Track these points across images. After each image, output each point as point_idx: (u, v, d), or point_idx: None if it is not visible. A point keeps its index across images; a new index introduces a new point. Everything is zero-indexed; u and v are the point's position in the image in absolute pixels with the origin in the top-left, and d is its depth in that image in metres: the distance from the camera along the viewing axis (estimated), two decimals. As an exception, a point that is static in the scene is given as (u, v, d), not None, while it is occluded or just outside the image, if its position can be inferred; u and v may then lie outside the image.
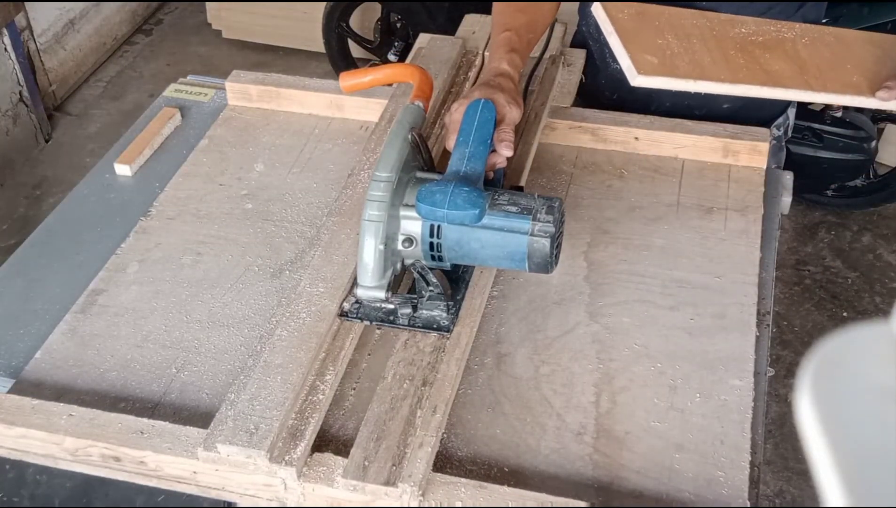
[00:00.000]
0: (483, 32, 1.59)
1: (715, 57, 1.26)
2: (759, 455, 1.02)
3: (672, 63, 1.22)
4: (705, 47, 1.27)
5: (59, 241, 1.33)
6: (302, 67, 3.33)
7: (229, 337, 1.16)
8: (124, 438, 1.01)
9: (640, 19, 1.28)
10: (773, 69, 1.28)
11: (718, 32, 1.30)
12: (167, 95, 1.60)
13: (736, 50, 1.28)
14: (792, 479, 2.11)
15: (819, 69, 1.31)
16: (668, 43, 1.25)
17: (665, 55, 1.22)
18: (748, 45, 1.30)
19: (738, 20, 1.34)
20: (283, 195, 1.38)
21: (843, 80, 1.32)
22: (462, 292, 1.15)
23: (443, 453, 1.02)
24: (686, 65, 1.22)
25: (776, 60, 1.29)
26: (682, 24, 1.30)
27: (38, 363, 1.14)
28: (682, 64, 1.22)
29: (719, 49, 1.27)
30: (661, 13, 1.30)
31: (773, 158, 1.46)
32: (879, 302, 2.53)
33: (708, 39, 1.29)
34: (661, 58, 1.22)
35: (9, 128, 2.95)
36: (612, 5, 1.29)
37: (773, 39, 1.33)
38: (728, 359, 1.11)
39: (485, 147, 1.12)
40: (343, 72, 1.31)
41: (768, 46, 1.32)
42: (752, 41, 1.32)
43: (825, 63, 1.33)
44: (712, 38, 1.29)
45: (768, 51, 1.30)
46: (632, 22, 1.26)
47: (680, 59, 1.23)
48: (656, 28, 1.27)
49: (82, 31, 3.37)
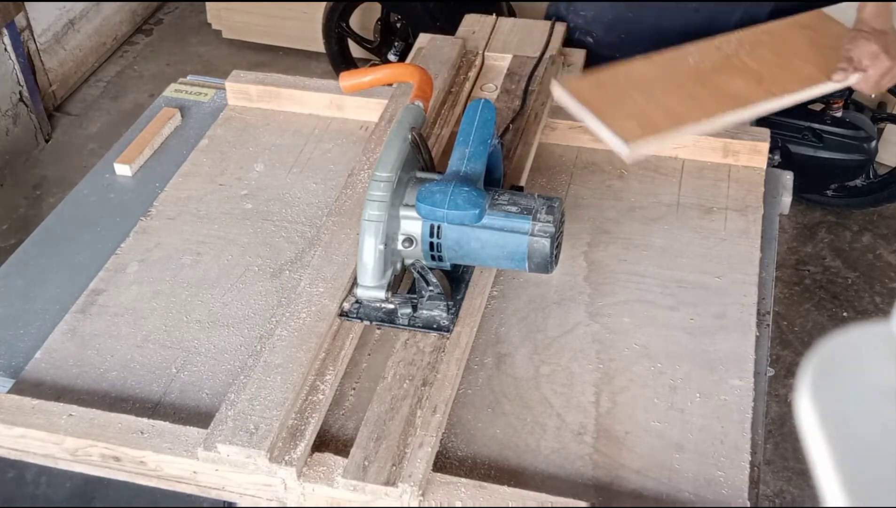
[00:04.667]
0: (483, 32, 1.59)
1: (681, 98, 1.27)
2: (759, 455, 1.02)
3: (650, 121, 1.22)
4: (667, 92, 1.28)
5: (59, 241, 1.33)
6: (302, 67, 3.33)
7: (229, 337, 1.16)
8: (124, 438, 1.01)
9: (599, 87, 1.28)
10: (735, 90, 1.30)
11: (671, 73, 1.32)
12: (167, 95, 1.60)
13: (694, 84, 1.30)
14: (792, 479, 2.10)
15: (773, 74, 1.33)
16: (634, 101, 1.25)
17: (639, 115, 1.22)
18: (702, 75, 1.32)
19: (681, 53, 1.35)
20: (283, 195, 1.38)
21: (798, 76, 1.35)
22: (462, 292, 1.15)
23: (443, 453, 1.02)
24: (662, 117, 1.23)
25: (733, 80, 1.32)
26: (636, 77, 1.30)
27: (38, 363, 1.14)
28: (658, 117, 1.23)
29: (680, 89, 1.29)
30: (614, 75, 1.30)
31: None
32: (879, 302, 2.53)
33: (666, 84, 1.30)
34: (637, 119, 1.22)
35: (9, 128, 2.95)
36: (569, 81, 1.29)
37: (721, 60, 1.36)
38: (728, 359, 1.11)
39: (485, 147, 1.11)
40: (343, 72, 1.31)
41: (719, 69, 1.34)
42: (703, 69, 1.33)
43: (775, 66, 1.35)
44: (669, 80, 1.30)
45: (721, 73, 1.33)
46: (595, 92, 1.26)
47: (653, 113, 1.23)
48: (617, 91, 1.27)
49: (82, 31, 3.36)
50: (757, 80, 1.32)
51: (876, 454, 0.36)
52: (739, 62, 1.36)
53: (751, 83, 1.32)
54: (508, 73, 1.50)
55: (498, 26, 1.60)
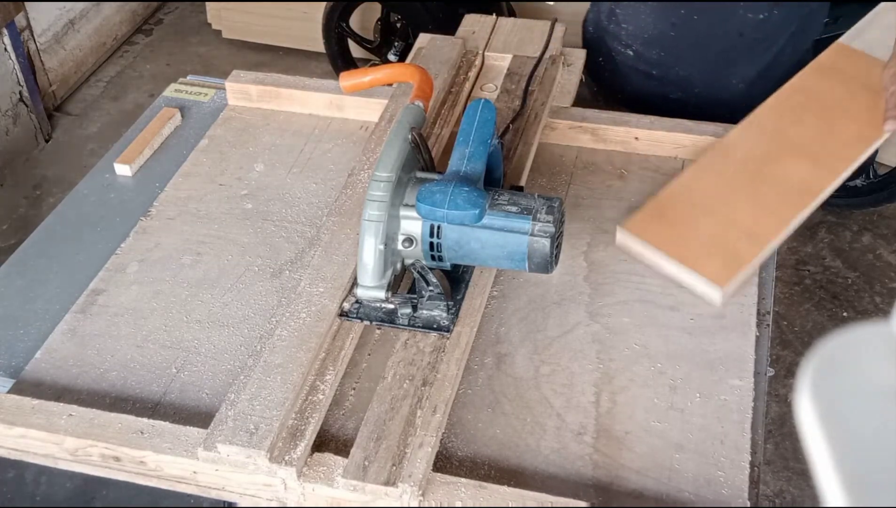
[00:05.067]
0: (483, 32, 1.59)
1: (750, 210, 1.19)
2: (759, 455, 1.02)
3: (730, 252, 1.14)
4: (733, 206, 1.20)
5: (59, 241, 1.33)
6: (302, 67, 3.33)
7: (229, 337, 1.16)
8: (124, 438, 1.01)
9: (663, 221, 1.19)
10: (798, 180, 1.22)
11: (725, 177, 1.23)
12: (167, 95, 1.60)
13: (755, 184, 1.22)
14: (792, 479, 2.10)
15: (825, 146, 1.26)
16: (705, 230, 1.17)
17: (718, 247, 1.15)
18: (757, 170, 1.24)
19: (724, 146, 1.28)
20: (283, 195, 1.38)
21: (849, 138, 1.28)
22: (462, 292, 1.15)
23: (443, 453, 1.02)
24: (740, 242, 1.15)
25: (791, 167, 1.24)
26: (694, 195, 1.22)
27: (38, 363, 1.14)
28: (737, 244, 1.15)
29: (744, 197, 1.20)
30: (671, 199, 1.21)
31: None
32: (879, 302, 2.53)
33: (728, 194, 1.21)
34: (718, 254, 1.14)
35: (9, 128, 2.95)
36: (633, 223, 1.19)
37: (767, 142, 1.28)
38: (728, 359, 1.11)
39: (485, 147, 1.11)
40: (343, 72, 1.31)
41: (771, 156, 1.26)
42: (754, 161, 1.26)
43: (823, 133, 1.28)
44: (728, 188, 1.22)
45: (775, 161, 1.25)
46: (662, 230, 1.18)
47: (730, 240, 1.15)
48: (682, 221, 1.19)
49: (82, 31, 3.36)
50: (813, 159, 1.25)
51: (876, 454, 0.36)
52: (787, 141, 1.28)
53: (809, 165, 1.24)
54: (508, 73, 1.50)
55: (498, 26, 1.60)
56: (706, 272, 1.12)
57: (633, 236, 1.18)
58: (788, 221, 1.18)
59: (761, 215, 1.19)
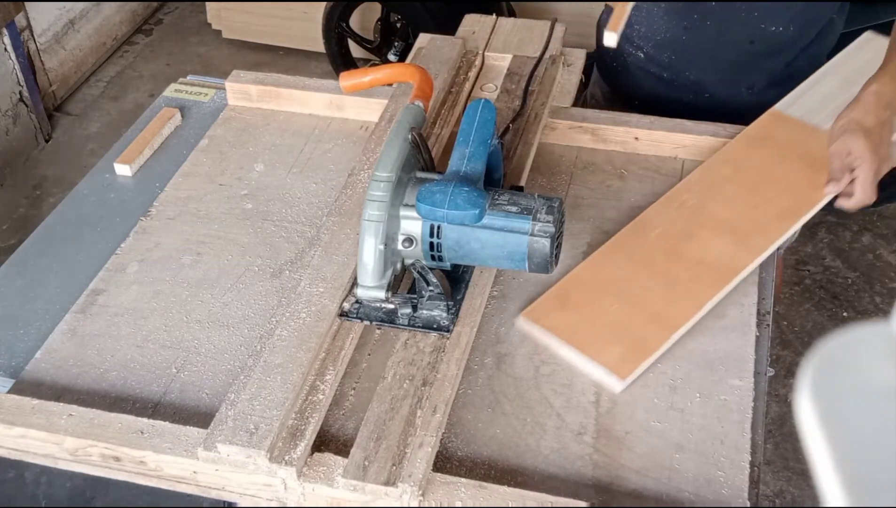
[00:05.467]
0: (483, 32, 1.59)
1: (660, 291, 1.13)
2: (759, 455, 1.02)
3: (636, 338, 1.08)
4: (644, 287, 1.14)
5: (59, 241, 1.33)
6: (302, 67, 3.33)
7: (229, 337, 1.16)
8: (124, 438, 1.01)
9: (568, 307, 1.13)
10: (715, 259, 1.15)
11: (638, 258, 1.18)
12: (167, 95, 1.60)
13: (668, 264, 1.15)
14: (792, 479, 2.11)
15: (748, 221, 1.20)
16: (612, 314, 1.11)
17: (622, 333, 1.09)
18: (672, 248, 1.17)
19: (641, 224, 1.22)
20: (283, 195, 1.38)
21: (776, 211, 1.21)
22: (462, 292, 1.15)
23: (443, 453, 1.02)
24: (647, 327, 1.09)
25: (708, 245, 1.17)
26: (603, 277, 1.16)
27: (38, 363, 1.14)
28: (644, 329, 1.09)
29: (655, 278, 1.15)
30: (578, 283, 1.15)
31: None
32: (879, 302, 2.53)
33: (638, 274, 1.15)
34: (622, 340, 1.08)
35: (9, 128, 2.95)
36: (535, 312, 1.13)
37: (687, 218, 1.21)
38: (728, 359, 1.11)
39: (485, 147, 1.11)
40: (343, 72, 1.31)
41: (689, 232, 1.19)
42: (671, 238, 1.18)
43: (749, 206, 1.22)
44: (640, 268, 1.16)
45: (693, 238, 1.18)
46: (567, 316, 1.12)
47: (636, 325, 1.10)
48: (589, 305, 1.13)
49: (82, 31, 3.37)
50: (734, 236, 1.19)
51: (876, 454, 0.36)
52: (708, 216, 1.21)
53: (729, 242, 1.18)
54: (508, 73, 1.50)
55: (498, 26, 1.60)
56: (606, 362, 1.06)
57: (532, 323, 1.12)
58: (702, 303, 1.12)
59: (673, 297, 1.13)
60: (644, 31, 1.55)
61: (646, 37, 1.55)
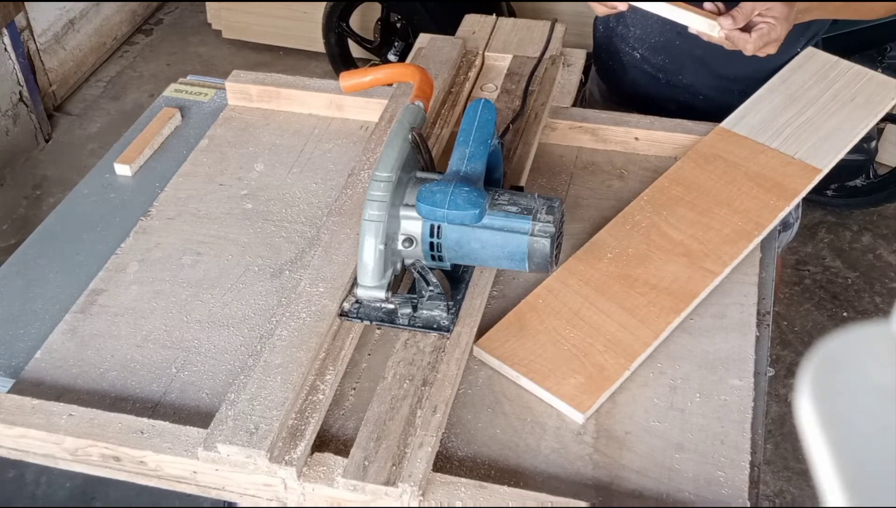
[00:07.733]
0: (483, 32, 1.59)
1: (617, 317, 1.12)
2: (759, 455, 1.02)
3: (594, 368, 1.07)
4: (600, 312, 1.13)
5: (59, 241, 1.33)
6: (302, 67, 3.33)
7: (229, 337, 1.16)
8: (124, 438, 1.01)
9: (523, 335, 1.11)
10: (670, 284, 1.15)
11: (594, 284, 1.16)
12: (167, 95, 1.60)
13: (624, 291, 1.15)
14: (792, 479, 2.11)
15: (701, 242, 1.20)
16: (569, 343, 1.10)
17: (581, 364, 1.08)
18: (627, 273, 1.17)
19: (596, 246, 1.21)
20: (283, 195, 1.38)
21: (729, 233, 1.21)
22: (462, 292, 1.15)
23: (443, 453, 1.02)
24: (606, 356, 1.08)
25: (665, 267, 1.17)
26: (559, 304, 1.15)
27: (38, 363, 1.14)
28: (602, 357, 1.08)
29: (611, 305, 1.14)
30: (534, 310, 1.14)
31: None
32: (879, 302, 2.53)
33: (595, 300, 1.14)
34: (581, 371, 1.07)
35: (9, 128, 2.95)
36: (489, 341, 1.11)
37: (639, 241, 1.21)
38: (728, 359, 1.11)
39: (485, 147, 1.11)
40: (343, 72, 1.31)
41: (642, 256, 1.19)
42: (626, 262, 1.18)
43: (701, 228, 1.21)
44: (596, 294, 1.15)
45: (646, 262, 1.18)
46: (523, 347, 1.10)
47: (594, 353, 1.08)
48: (545, 333, 1.11)
49: (82, 31, 3.37)
50: (689, 258, 1.18)
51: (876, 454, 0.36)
52: (662, 238, 1.21)
53: (685, 265, 1.17)
54: (508, 73, 1.50)
55: (498, 26, 1.60)
56: (566, 395, 1.05)
57: (488, 354, 1.10)
58: (661, 328, 1.11)
59: (630, 324, 1.11)
60: (639, 33, 1.56)
61: (641, 39, 1.56)
